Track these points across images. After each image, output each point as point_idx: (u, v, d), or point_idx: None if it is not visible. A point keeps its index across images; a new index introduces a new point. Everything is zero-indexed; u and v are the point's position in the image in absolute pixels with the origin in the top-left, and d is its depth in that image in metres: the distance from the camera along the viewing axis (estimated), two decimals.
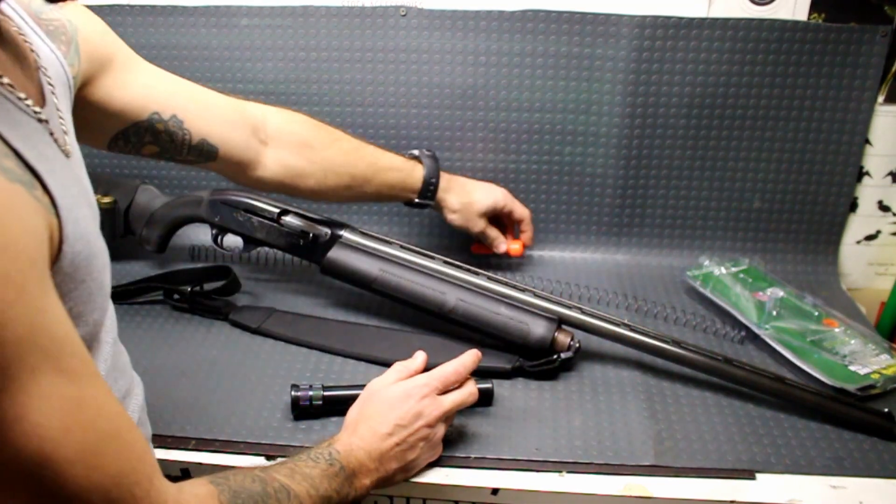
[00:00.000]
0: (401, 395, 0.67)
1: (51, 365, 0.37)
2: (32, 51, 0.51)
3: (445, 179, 0.95)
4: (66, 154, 0.49)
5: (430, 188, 0.94)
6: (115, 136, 0.74)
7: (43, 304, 0.38)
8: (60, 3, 0.51)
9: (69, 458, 0.38)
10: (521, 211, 1.01)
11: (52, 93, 0.51)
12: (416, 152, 0.95)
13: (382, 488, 0.67)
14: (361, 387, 0.72)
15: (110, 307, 0.56)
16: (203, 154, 0.80)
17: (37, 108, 0.46)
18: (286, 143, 0.86)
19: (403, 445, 0.66)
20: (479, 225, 0.98)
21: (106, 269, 0.52)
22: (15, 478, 0.37)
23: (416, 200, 0.95)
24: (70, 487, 0.38)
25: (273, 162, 0.86)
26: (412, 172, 0.93)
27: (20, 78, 0.47)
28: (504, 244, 1.01)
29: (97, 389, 0.42)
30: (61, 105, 0.52)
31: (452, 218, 0.98)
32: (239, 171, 0.85)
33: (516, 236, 1.03)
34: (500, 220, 1.02)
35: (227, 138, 0.80)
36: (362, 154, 0.90)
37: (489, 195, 0.98)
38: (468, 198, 0.97)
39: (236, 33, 1.02)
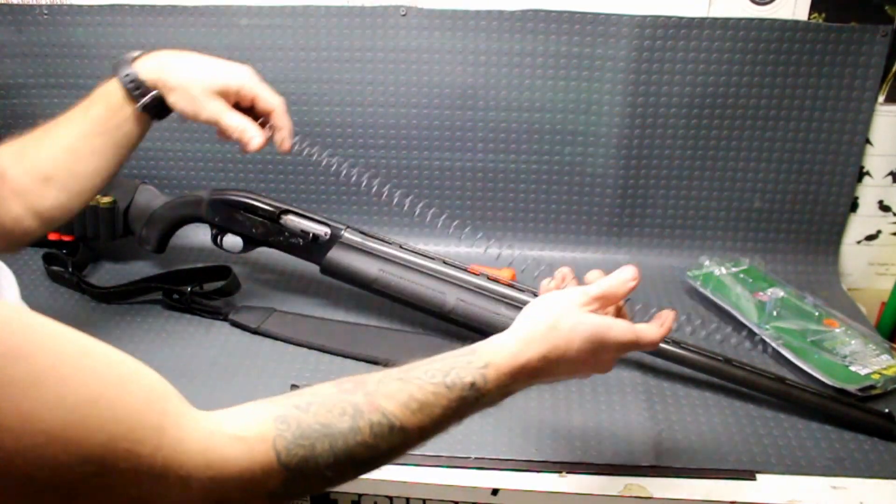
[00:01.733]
0: (601, 347, 0.58)
1: None
2: None
3: (157, 58, 0.74)
4: None
5: (131, 83, 0.73)
6: None
7: None
8: None
9: (40, 442, 0.32)
10: (269, 97, 0.77)
11: None
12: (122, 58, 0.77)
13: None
14: None
15: None
16: None
17: None
18: (22, 172, 0.71)
19: (570, 373, 0.60)
20: (207, 110, 0.74)
21: None
22: None
23: (140, 106, 0.74)
24: (59, 472, 0.33)
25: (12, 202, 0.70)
26: (106, 92, 0.74)
27: None
28: (258, 137, 0.76)
29: (58, 356, 0.35)
30: None
31: (173, 101, 0.74)
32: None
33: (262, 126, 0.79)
34: (244, 111, 0.78)
35: None
36: (57, 128, 0.74)
37: (222, 70, 0.76)
38: (190, 71, 0.74)
39: (236, 33, 1.02)
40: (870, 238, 1.08)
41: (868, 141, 1.02)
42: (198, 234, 1.08)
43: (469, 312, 0.84)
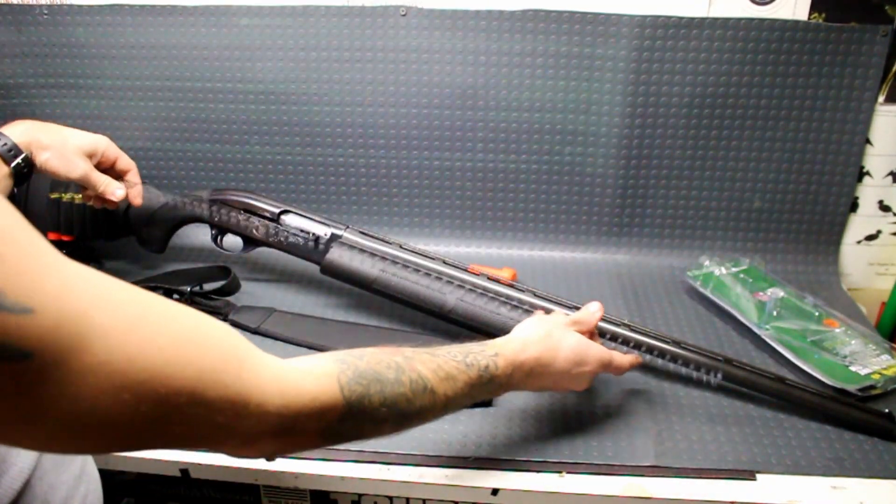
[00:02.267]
0: (584, 358, 0.69)
1: (91, 301, 0.36)
2: None
3: (26, 126, 0.79)
4: None
5: (10, 149, 0.76)
6: None
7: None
8: None
9: (145, 378, 0.36)
10: (126, 160, 0.87)
11: None
12: None
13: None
14: None
15: None
16: None
17: None
18: None
19: (556, 384, 0.69)
20: (79, 167, 0.81)
21: None
22: (98, 424, 0.35)
23: (14, 167, 0.76)
24: (160, 406, 0.37)
25: None
26: None
27: None
28: (121, 189, 0.85)
29: (144, 301, 0.40)
30: None
31: (45, 159, 0.79)
32: None
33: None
34: (106, 171, 0.86)
35: None
36: None
37: (88, 136, 0.83)
38: (60, 135, 0.81)
39: (236, 33, 1.02)
40: (870, 238, 1.08)
41: (868, 141, 1.02)
42: (198, 234, 1.08)
43: (469, 312, 0.84)
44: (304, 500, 0.75)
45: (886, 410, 0.76)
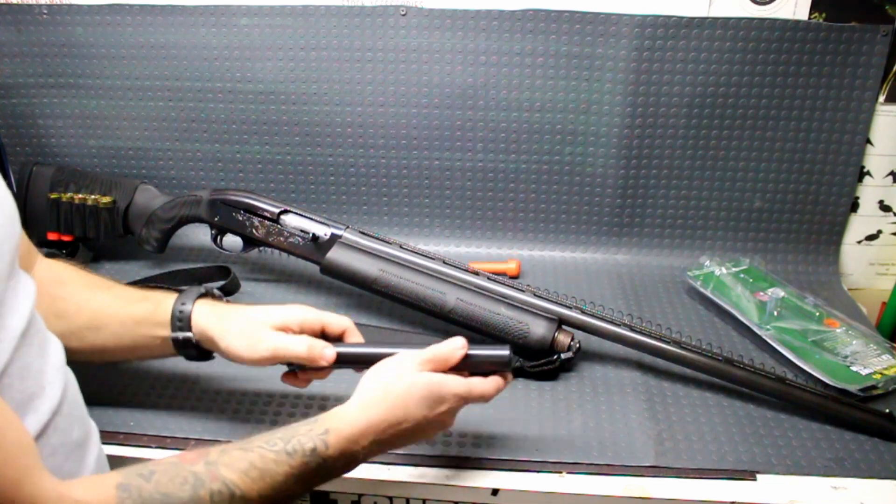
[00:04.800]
0: (435, 398, 0.61)
1: None
2: None
3: (212, 304, 0.70)
4: None
5: (180, 317, 0.69)
6: None
7: None
8: None
9: None
10: (337, 319, 0.72)
11: None
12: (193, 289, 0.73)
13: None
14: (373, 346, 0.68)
15: (21, 306, 0.48)
16: None
17: None
18: (43, 279, 0.65)
19: (415, 434, 0.62)
20: (267, 342, 0.67)
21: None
22: None
23: (172, 336, 0.69)
24: None
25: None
26: (162, 301, 0.70)
27: None
28: (329, 349, 0.67)
29: None
30: None
31: (229, 343, 0.68)
32: None
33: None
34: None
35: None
36: (109, 290, 0.72)
37: (279, 308, 0.70)
38: (245, 315, 0.69)
39: (236, 33, 1.02)
40: (870, 238, 1.08)
41: (868, 141, 1.02)
42: (198, 234, 1.08)
43: (469, 312, 0.84)
44: (304, 500, 0.75)
45: (887, 410, 0.76)
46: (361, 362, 0.67)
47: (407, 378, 0.62)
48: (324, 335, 0.71)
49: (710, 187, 1.05)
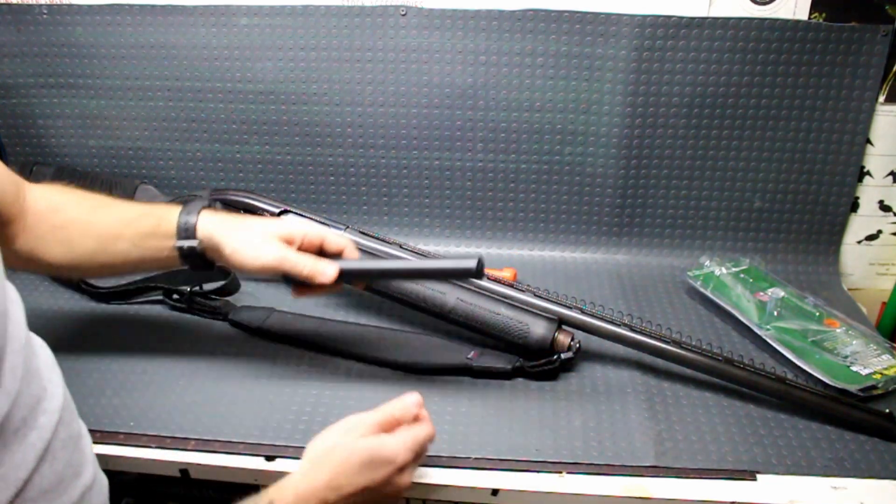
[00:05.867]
0: (376, 462, 0.61)
1: None
2: None
3: (215, 216, 0.73)
4: None
5: (185, 227, 0.72)
6: None
7: None
8: None
9: None
10: (338, 238, 0.75)
11: None
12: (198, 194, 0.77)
13: None
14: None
15: (13, 306, 0.49)
16: None
17: None
18: (39, 210, 0.71)
19: (367, 499, 0.61)
20: (271, 252, 0.71)
21: None
22: None
23: (177, 245, 0.72)
24: None
25: (23, 231, 0.70)
26: (166, 215, 0.73)
27: None
28: (331, 266, 0.71)
29: None
30: None
31: (233, 251, 0.71)
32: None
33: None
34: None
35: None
36: (110, 208, 0.74)
37: (285, 223, 0.75)
38: (249, 227, 0.73)
39: (236, 33, 1.02)
40: (870, 238, 1.08)
41: (868, 141, 1.02)
42: None
43: (469, 312, 0.84)
44: None
45: (887, 410, 0.76)
46: (362, 277, 0.70)
47: (349, 445, 0.61)
48: (322, 252, 0.74)
49: (710, 187, 1.05)
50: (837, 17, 0.95)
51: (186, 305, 0.94)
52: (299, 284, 0.72)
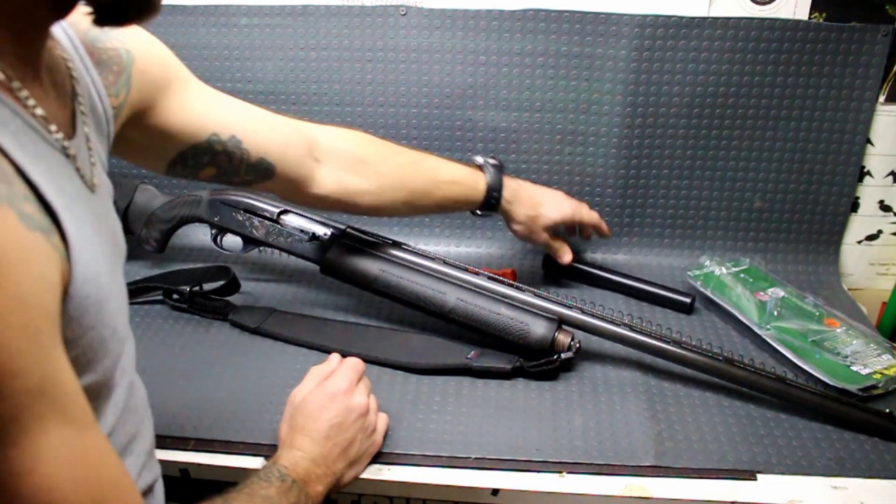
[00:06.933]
0: (326, 397, 0.68)
1: (58, 415, 0.37)
2: (73, 77, 0.50)
3: (511, 190, 0.91)
4: (91, 188, 0.48)
5: (492, 200, 0.90)
6: (173, 160, 0.72)
7: (53, 353, 0.37)
8: (119, 28, 0.47)
9: None
10: (590, 217, 0.97)
11: (84, 122, 0.50)
12: (479, 160, 0.91)
13: (338, 491, 0.67)
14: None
15: (128, 346, 0.54)
16: (261, 173, 0.76)
17: (66, 143, 0.45)
18: (340, 159, 0.82)
19: (343, 443, 0.66)
20: (542, 237, 0.95)
21: (121, 313, 0.49)
22: None
23: (479, 212, 0.92)
24: None
25: (328, 179, 0.81)
26: (474, 185, 0.89)
27: (53, 106, 0.46)
28: (568, 254, 0.97)
29: (99, 439, 0.41)
30: (92, 136, 0.51)
31: (517, 229, 0.94)
32: (295, 190, 0.81)
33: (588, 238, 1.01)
34: (568, 229, 0.99)
35: (284, 156, 0.77)
36: (420, 167, 0.86)
37: (556, 209, 0.94)
38: (534, 211, 0.93)
39: (236, 33, 1.02)
40: (870, 238, 1.08)
41: (869, 141, 1.02)
42: (198, 234, 1.08)
43: (469, 312, 0.84)
44: None
45: (887, 410, 0.76)
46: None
47: (304, 398, 0.69)
48: (580, 227, 0.99)
49: (710, 187, 1.05)
50: (837, 17, 0.95)
51: (186, 305, 0.94)
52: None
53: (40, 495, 0.36)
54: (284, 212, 0.92)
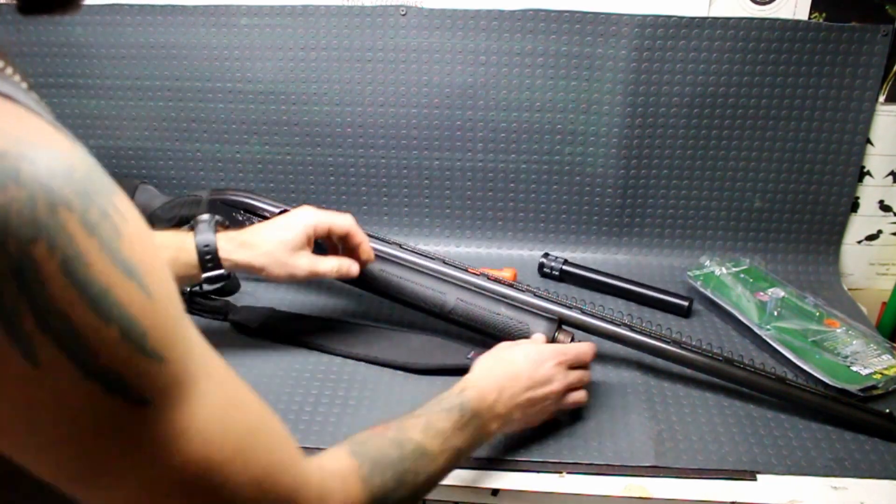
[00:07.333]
0: (539, 357, 0.71)
1: (203, 370, 0.38)
2: None
3: (230, 238, 0.77)
4: None
5: (207, 256, 0.75)
6: None
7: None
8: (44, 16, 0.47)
9: (228, 457, 0.38)
10: (340, 223, 0.79)
11: None
12: (202, 218, 0.78)
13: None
14: None
15: None
16: None
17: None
18: None
19: (533, 400, 0.69)
20: (302, 267, 0.77)
21: None
22: (180, 487, 0.37)
23: (204, 276, 0.75)
24: (229, 486, 0.38)
25: None
26: (183, 244, 0.75)
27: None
28: (355, 264, 0.80)
29: (238, 384, 0.42)
30: None
31: (267, 274, 0.77)
32: None
33: (349, 254, 0.82)
34: (327, 245, 0.83)
35: None
36: None
37: (294, 224, 0.78)
38: (269, 243, 0.77)
39: (236, 33, 1.02)
40: (870, 238, 1.08)
41: (869, 141, 1.02)
42: None
43: (469, 312, 0.84)
44: None
45: (887, 410, 0.76)
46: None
47: (511, 346, 0.73)
48: (329, 237, 0.80)
49: (710, 187, 1.05)
50: (837, 17, 0.95)
51: (186, 305, 0.93)
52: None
53: (196, 449, 0.36)
54: (284, 212, 0.92)
